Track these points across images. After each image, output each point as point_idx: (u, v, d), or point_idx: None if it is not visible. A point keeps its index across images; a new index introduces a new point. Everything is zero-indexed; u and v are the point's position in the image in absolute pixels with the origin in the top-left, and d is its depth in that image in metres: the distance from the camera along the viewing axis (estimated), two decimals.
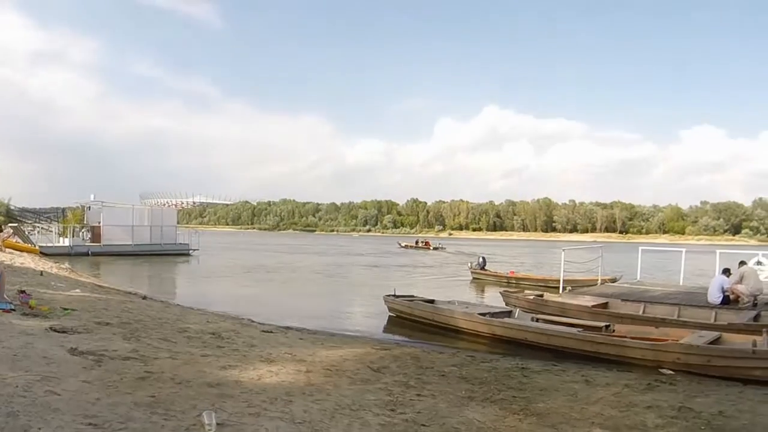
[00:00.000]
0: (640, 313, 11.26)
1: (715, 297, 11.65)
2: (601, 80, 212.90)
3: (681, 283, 15.97)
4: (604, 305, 11.88)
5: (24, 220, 36.13)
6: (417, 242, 62.04)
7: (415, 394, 5.17)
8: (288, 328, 9.93)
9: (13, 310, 7.53)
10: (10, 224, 29.03)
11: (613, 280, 17.35)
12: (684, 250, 18.19)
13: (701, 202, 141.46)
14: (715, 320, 10.27)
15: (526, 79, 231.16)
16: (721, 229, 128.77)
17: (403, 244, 61.73)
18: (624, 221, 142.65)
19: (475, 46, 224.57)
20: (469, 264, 24.90)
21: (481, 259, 23.81)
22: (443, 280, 23.93)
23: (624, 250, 40.44)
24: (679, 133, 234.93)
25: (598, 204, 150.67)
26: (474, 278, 22.79)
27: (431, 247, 57.36)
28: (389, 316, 12.35)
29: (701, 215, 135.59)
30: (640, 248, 18.29)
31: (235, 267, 28.39)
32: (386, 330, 11.31)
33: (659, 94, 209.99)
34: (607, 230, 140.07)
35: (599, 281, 16.57)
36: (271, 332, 8.83)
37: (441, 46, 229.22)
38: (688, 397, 5.62)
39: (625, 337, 8.63)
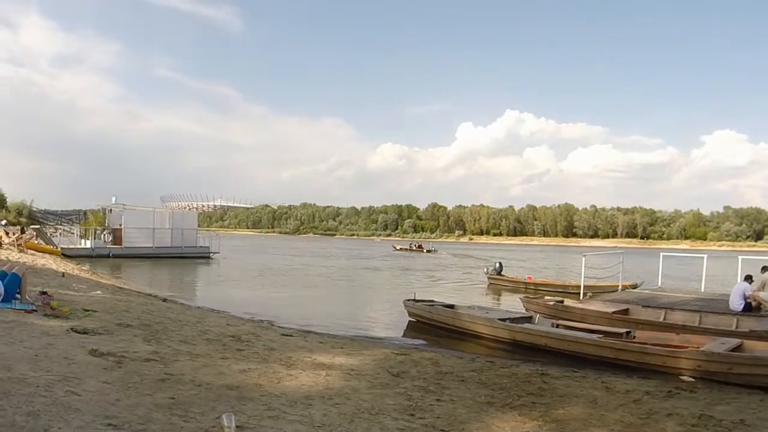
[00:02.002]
0: (661, 319, 11.12)
1: (736, 304, 11.49)
2: (622, 84, 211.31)
3: (702, 290, 15.75)
4: (625, 311, 11.76)
5: (46, 222, 36.76)
6: (411, 245, 64.52)
7: (435, 399, 5.15)
8: (308, 331, 9.96)
9: (35, 311, 7.63)
10: (32, 226, 29.59)
11: (634, 286, 17.15)
12: (705, 256, 17.95)
13: (724, 208, 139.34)
14: (737, 327, 10.14)
15: (547, 83, 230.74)
16: (744, 235, 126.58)
17: (398, 247, 63.96)
18: (645, 227, 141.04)
19: (495, 50, 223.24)
20: (485, 269, 24.74)
21: (497, 264, 23.65)
22: (459, 285, 23.82)
23: (645, 256, 40.11)
24: (700, 137, 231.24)
25: (619, 209, 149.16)
26: (490, 284, 22.66)
27: (424, 250, 59.37)
28: (409, 320, 12.32)
29: (723, 221, 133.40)
30: (661, 254, 18.09)
31: (255, 270, 28.52)
32: (406, 334, 11.29)
33: (681, 98, 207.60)
34: (628, 236, 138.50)
35: (620, 287, 16.39)
36: (291, 336, 8.85)
37: (462, 51, 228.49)
38: (708, 404, 5.55)
39: (646, 343, 8.51)
